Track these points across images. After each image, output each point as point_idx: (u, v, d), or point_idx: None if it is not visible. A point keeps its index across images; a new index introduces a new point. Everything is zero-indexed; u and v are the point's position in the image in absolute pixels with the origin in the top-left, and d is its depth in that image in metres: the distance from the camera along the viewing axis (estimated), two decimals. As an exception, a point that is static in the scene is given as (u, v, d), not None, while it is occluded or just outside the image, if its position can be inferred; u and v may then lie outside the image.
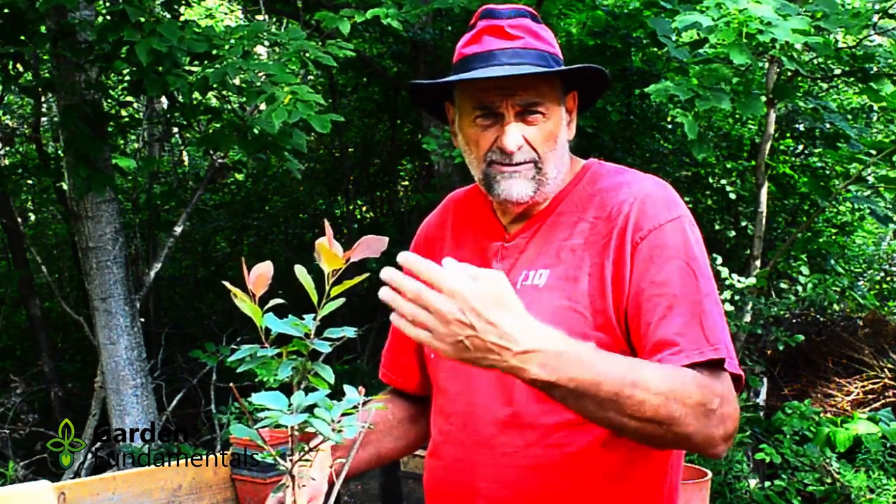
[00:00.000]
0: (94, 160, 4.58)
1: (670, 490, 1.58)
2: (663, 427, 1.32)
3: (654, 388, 1.31)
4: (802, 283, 5.18)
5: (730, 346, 1.45)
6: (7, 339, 7.44)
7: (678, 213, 1.52)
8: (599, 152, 5.97)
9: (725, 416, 1.36)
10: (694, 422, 1.33)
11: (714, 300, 1.47)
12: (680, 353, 1.40)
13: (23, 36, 4.40)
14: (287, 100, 3.81)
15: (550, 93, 1.55)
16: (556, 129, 1.56)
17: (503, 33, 1.55)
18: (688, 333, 1.41)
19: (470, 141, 1.58)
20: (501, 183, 1.55)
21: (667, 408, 1.31)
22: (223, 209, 8.08)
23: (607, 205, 1.53)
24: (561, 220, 1.58)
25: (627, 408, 1.29)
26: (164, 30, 3.93)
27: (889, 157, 4.85)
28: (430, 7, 5.15)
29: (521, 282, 1.56)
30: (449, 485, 1.60)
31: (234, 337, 5.60)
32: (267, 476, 2.04)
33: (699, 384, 1.36)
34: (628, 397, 1.29)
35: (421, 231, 1.80)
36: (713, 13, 3.85)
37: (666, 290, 1.44)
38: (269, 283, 1.29)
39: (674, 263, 1.46)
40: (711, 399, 1.35)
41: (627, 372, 1.30)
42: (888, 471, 4.93)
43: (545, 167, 1.55)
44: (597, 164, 1.65)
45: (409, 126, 7.66)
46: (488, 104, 1.53)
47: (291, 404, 1.25)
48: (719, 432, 1.36)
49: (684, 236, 1.49)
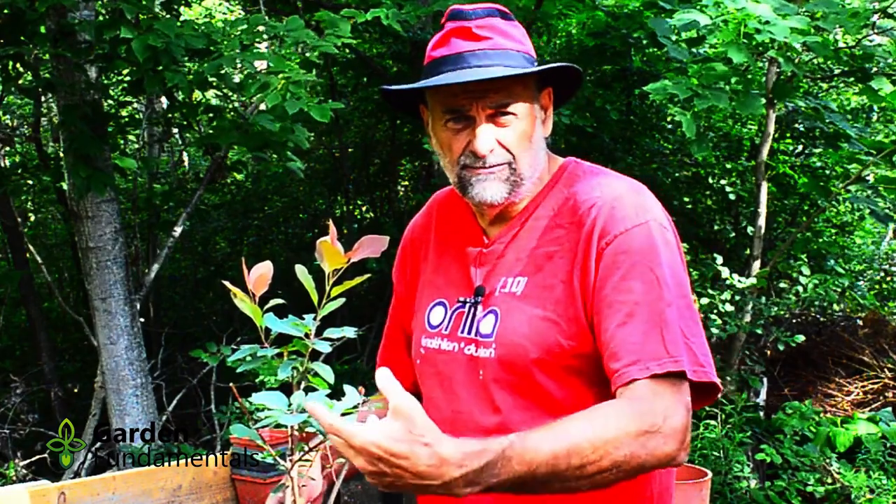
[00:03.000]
0: (94, 160, 4.58)
1: (662, 491, 1.57)
2: (614, 472, 1.32)
3: (588, 448, 1.30)
4: (802, 284, 5.18)
5: (699, 354, 1.43)
6: (7, 339, 7.43)
7: (647, 217, 1.49)
8: (599, 152, 5.97)
9: (671, 429, 1.35)
10: (641, 452, 1.33)
11: (680, 308, 1.44)
12: (638, 363, 1.39)
13: (23, 36, 4.40)
14: (280, 85, 3.77)
15: (523, 92, 1.53)
16: (530, 129, 1.55)
17: (470, 34, 1.52)
18: (648, 343, 1.40)
19: (443, 145, 1.56)
20: (475, 186, 1.54)
21: (609, 458, 1.30)
22: (223, 209, 8.07)
23: (579, 209, 1.52)
24: (538, 226, 1.57)
25: (570, 476, 1.29)
26: (162, 26, 3.92)
27: (889, 157, 4.85)
28: (430, 9, 5.16)
29: (499, 289, 1.56)
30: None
31: (234, 337, 5.60)
32: (267, 476, 2.04)
33: (634, 413, 1.35)
34: (565, 469, 1.28)
35: (407, 233, 1.80)
36: (711, 12, 3.85)
37: (628, 297, 1.43)
38: (269, 283, 1.29)
39: (637, 270, 1.44)
40: (653, 420, 1.34)
41: (557, 446, 1.28)
42: (888, 471, 4.93)
43: (520, 167, 1.54)
44: (573, 164, 1.63)
45: (409, 126, 7.65)
46: (458, 108, 1.51)
47: (291, 404, 1.25)
48: (670, 448, 1.35)
49: (651, 242, 1.46)
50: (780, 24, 3.71)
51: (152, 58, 3.91)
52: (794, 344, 5.04)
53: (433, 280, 1.68)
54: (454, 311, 1.61)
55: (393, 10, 4.75)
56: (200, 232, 7.89)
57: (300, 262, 1.34)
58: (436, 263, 1.69)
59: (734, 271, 4.95)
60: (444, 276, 1.66)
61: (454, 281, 1.64)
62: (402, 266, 1.79)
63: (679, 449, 1.37)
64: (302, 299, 1.31)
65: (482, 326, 1.55)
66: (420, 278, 1.72)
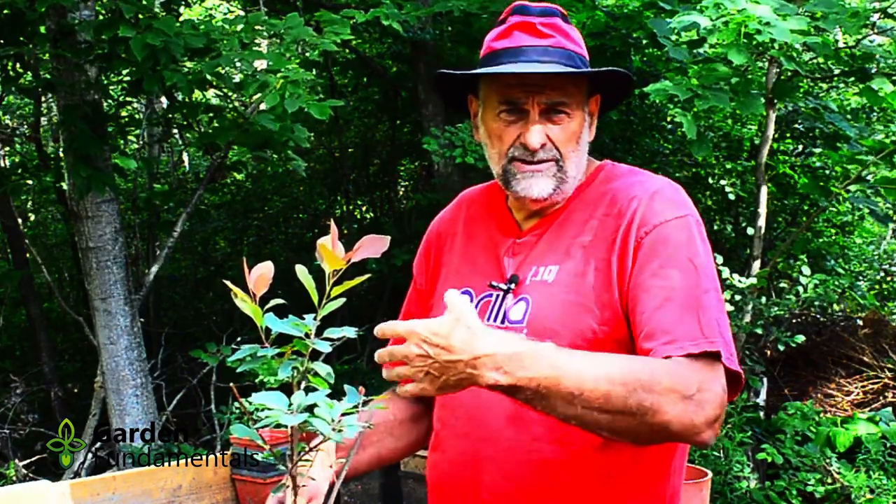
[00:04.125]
0: (94, 160, 4.58)
1: (672, 494, 1.58)
2: (636, 418, 1.32)
3: (619, 378, 1.31)
4: (803, 284, 5.17)
5: (729, 344, 1.44)
6: (7, 339, 7.43)
7: (686, 212, 1.52)
8: (599, 152, 5.94)
9: (704, 401, 1.35)
10: (669, 409, 1.33)
11: (714, 298, 1.47)
12: (674, 343, 1.40)
13: (23, 36, 4.40)
14: (279, 84, 3.78)
15: (576, 94, 1.55)
16: (579, 130, 1.57)
17: (534, 30, 1.55)
18: (683, 324, 1.41)
19: (493, 135, 1.58)
20: (522, 181, 1.56)
21: (636, 397, 1.31)
22: (223, 209, 8.08)
23: (617, 202, 1.54)
24: (573, 218, 1.58)
25: (593, 401, 1.31)
26: (161, 25, 3.92)
27: (889, 157, 4.85)
28: (430, 10, 5.16)
29: (530, 277, 1.57)
30: (453, 478, 1.60)
31: (234, 337, 5.60)
32: (267, 476, 2.04)
33: (671, 371, 1.35)
34: (591, 390, 1.30)
35: (433, 226, 1.80)
36: (711, 13, 3.85)
37: (665, 282, 1.45)
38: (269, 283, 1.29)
39: (676, 258, 1.46)
40: (687, 385, 1.34)
41: (587, 366, 1.32)
42: (888, 471, 4.93)
43: (566, 166, 1.56)
44: (610, 165, 1.66)
45: (409, 126, 7.65)
46: (514, 100, 1.54)
47: (291, 404, 1.25)
48: (699, 418, 1.35)
49: (689, 234, 1.49)
50: (781, 25, 3.71)
51: (151, 57, 3.90)
52: (794, 344, 5.04)
53: (459, 269, 1.68)
54: (481, 299, 1.61)
55: (393, 10, 4.75)
56: (200, 232, 7.89)
57: (300, 262, 1.35)
58: (463, 253, 1.70)
59: (734, 271, 4.95)
60: (471, 265, 1.67)
61: (482, 270, 1.64)
62: (424, 257, 1.79)
63: (707, 424, 1.36)
64: (302, 299, 1.31)
65: (512, 313, 1.56)
66: (443, 269, 1.72)
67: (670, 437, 1.40)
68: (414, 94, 6.48)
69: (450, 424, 1.61)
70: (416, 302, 1.79)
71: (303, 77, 3.84)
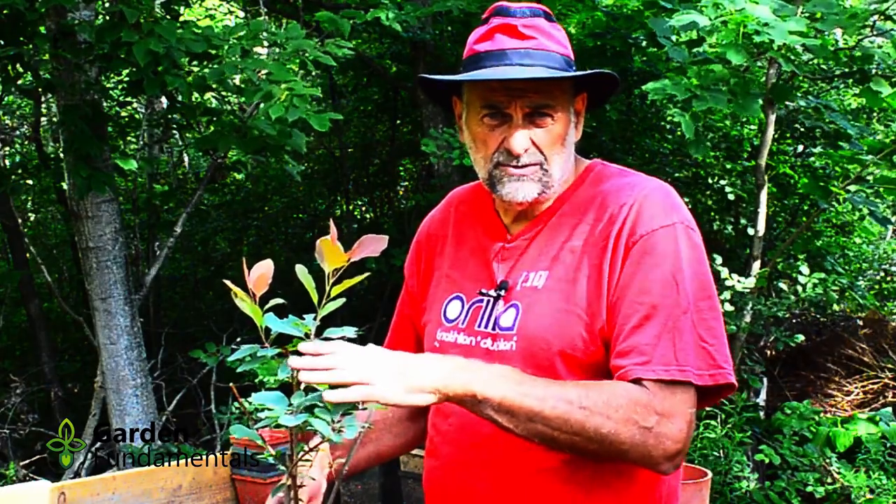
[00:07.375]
0: (94, 160, 4.58)
1: (669, 493, 1.57)
2: (594, 442, 1.36)
3: (577, 402, 1.35)
4: (802, 284, 5.17)
5: (719, 356, 1.45)
6: (7, 339, 7.43)
7: (675, 219, 1.50)
8: (599, 152, 5.97)
9: (663, 434, 1.37)
10: (626, 438, 1.36)
11: (699, 312, 1.45)
12: (646, 365, 1.41)
13: (22, 36, 4.40)
14: (284, 96, 3.80)
15: (560, 95, 1.54)
16: (564, 132, 1.56)
17: (516, 32, 1.53)
18: (658, 347, 1.41)
19: (477, 139, 1.57)
20: (507, 185, 1.55)
21: (592, 422, 1.34)
22: (223, 209, 8.07)
23: (608, 207, 1.53)
24: (562, 222, 1.57)
25: (552, 421, 1.34)
26: (163, 30, 3.93)
27: (889, 157, 4.84)
28: (430, 10, 5.16)
29: (521, 283, 1.56)
30: (447, 485, 1.60)
31: (234, 337, 5.60)
32: (267, 476, 2.04)
33: (633, 399, 1.37)
34: (552, 409, 1.34)
35: (423, 228, 1.80)
36: (710, 13, 3.85)
37: (645, 298, 1.44)
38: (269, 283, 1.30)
39: (658, 272, 1.45)
40: (645, 416, 1.36)
41: (549, 389, 1.36)
42: (888, 471, 4.93)
43: (551, 169, 1.55)
44: (600, 165, 1.64)
45: (409, 126, 7.66)
46: (497, 104, 1.52)
47: (291, 404, 1.25)
48: (657, 452, 1.37)
49: (676, 245, 1.47)
50: (780, 26, 3.71)
51: (153, 61, 3.92)
52: (794, 344, 5.04)
53: (450, 274, 1.68)
54: (471, 305, 1.61)
55: (393, 10, 4.76)
56: (200, 232, 7.89)
57: (300, 262, 1.35)
58: (453, 258, 1.69)
59: (734, 271, 4.94)
60: (462, 270, 1.66)
61: (473, 275, 1.63)
62: (415, 260, 1.78)
63: (665, 458, 1.39)
64: (302, 299, 1.31)
65: (502, 320, 1.55)
66: (434, 273, 1.72)
67: (632, 463, 1.42)
68: (414, 95, 6.49)
69: (443, 431, 1.61)
70: (408, 304, 1.79)
71: (310, 93, 3.86)
